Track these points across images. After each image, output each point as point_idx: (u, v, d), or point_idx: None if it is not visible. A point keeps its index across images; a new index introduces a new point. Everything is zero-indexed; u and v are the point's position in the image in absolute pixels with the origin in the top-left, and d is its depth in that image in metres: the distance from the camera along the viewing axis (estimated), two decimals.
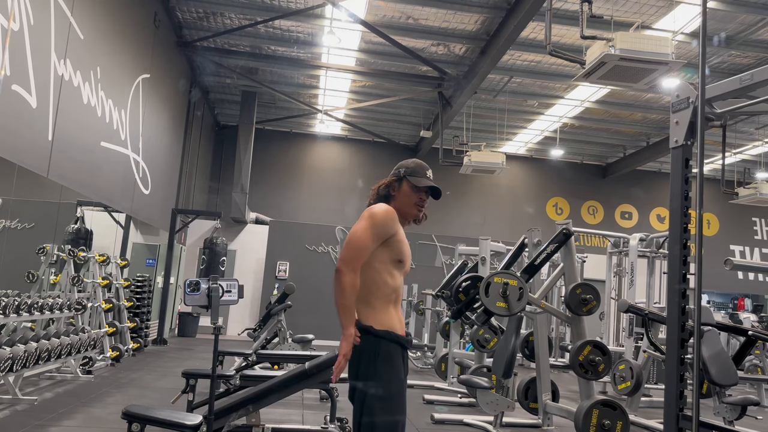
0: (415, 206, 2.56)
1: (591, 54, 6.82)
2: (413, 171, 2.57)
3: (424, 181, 2.56)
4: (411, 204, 2.55)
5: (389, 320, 2.46)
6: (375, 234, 2.43)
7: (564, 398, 6.28)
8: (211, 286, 3.41)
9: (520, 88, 12.31)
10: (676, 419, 2.81)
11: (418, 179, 2.55)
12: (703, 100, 2.83)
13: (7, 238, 9.22)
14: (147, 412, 3.15)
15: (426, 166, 2.63)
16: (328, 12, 9.84)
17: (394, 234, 2.47)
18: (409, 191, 2.54)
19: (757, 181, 13.21)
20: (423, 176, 2.57)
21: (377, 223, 2.44)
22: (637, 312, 6.19)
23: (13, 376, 5.50)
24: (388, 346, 2.43)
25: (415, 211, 2.56)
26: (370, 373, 2.39)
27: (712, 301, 19.25)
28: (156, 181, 9.92)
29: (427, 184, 2.55)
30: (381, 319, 2.45)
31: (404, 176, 2.56)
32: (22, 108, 5.27)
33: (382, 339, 2.43)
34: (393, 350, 2.44)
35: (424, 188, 2.55)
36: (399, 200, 2.55)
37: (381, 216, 2.45)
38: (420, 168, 2.59)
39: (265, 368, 6.53)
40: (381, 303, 2.46)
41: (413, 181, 2.54)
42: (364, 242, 2.41)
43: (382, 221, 2.45)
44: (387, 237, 2.45)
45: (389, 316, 2.47)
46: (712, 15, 8.96)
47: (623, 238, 8.91)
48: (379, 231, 2.44)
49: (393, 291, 2.49)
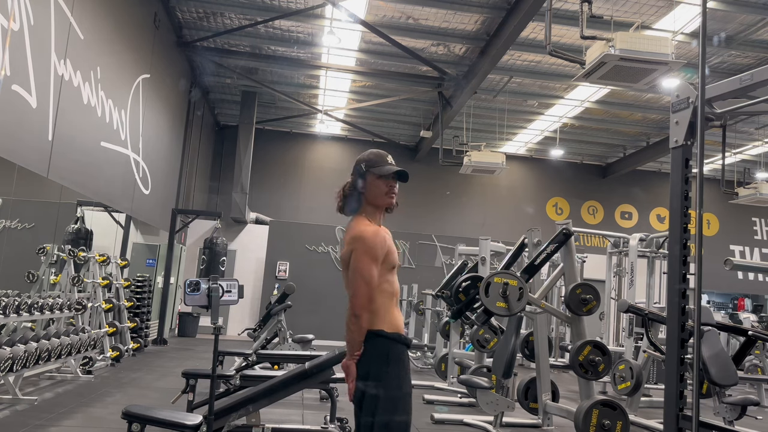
0: (387, 195, 2.53)
1: (591, 54, 6.82)
2: (374, 162, 2.55)
3: (388, 168, 2.54)
4: (381, 194, 2.53)
5: (396, 322, 2.51)
6: (377, 262, 2.46)
7: (564, 398, 6.28)
8: (211, 286, 3.41)
9: (520, 88, 12.31)
10: (676, 419, 2.81)
11: (381, 168, 2.53)
12: (703, 100, 2.83)
13: (7, 238, 9.22)
14: (147, 412, 3.16)
15: (385, 153, 2.61)
16: (328, 12, 9.84)
17: (388, 248, 2.51)
18: (376, 182, 2.52)
19: (757, 181, 13.21)
20: (385, 164, 2.55)
21: (372, 250, 2.45)
22: (637, 312, 6.19)
23: (13, 376, 5.50)
24: (397, 348, 2.47)
25: (388, 199, 2.54)
26: (383, 375, 2.41)
27: (712, 301, 19.25)
28: (156, 181, 9.91)
29: (391, 170, 2.53)
30: (390, 321, 2.49)
31: (367, 170, 2.54)
32: (22, 108, 5.27)
33: (394, 342, 2.47)
34: (401, 351, 2.49)
35: (390, 175, 2.53)
36: (369, 194, 2.53)
37: (371, 241, 2.45)
38: (378, 157, 2.57)
39: (265, 368, 6.52)
40: (385, 306, 2.49)
41: (377, 172, 2.52)
42: (370, 279, 2.43)
43: (373, 245, 2.45)
44: (383, 254, 2.48)
45: (395, 317, 2.51)
46: (712, 15, 8.96)
47: (623, 238, 8.90)
48: (378, 255, 2.46)
49: (393, 293, 2.54)
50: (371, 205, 2.54)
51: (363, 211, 2.56)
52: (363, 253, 2.44)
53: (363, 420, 2.40)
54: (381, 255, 2.47)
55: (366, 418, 2.40)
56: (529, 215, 16.31)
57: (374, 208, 2.55)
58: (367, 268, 2.43)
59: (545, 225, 10.97)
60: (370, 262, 2.44)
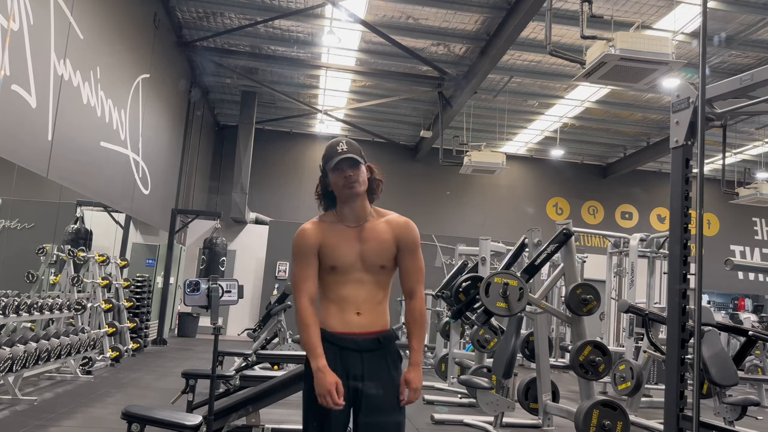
0: (344, 187, 2.39)
1: (591, 54, 6.82)
2: (325, 158, 2.44)
3: (334, 159, 2.39)
4: (340, 187, 2.40)
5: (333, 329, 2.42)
6: (302, 262, 2.40)
7: (564, 398, 6.27)
8: (211, 286, 3.40)
9: (520, 88, 12.31)
10: (676, 419, 2.80)
11: (330, 161, 2.40)
12: (704, 100, 2.83)
13: (7, 238, 9.22)
14: (147, 413, 3.15)
15: (337, 141, 2.44)
16: (328, 12, 9.83)
17: (319, 246, 2.39)
18: (333, 177, 2.41)
19: (758, 181, 13.21)
20: (334, 155, 2.40)
21: (294, 249, 2.42)
22: (637, 312, 6.18)
23: (13, 377, 5.50)
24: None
25: (347, 190, 2.39)
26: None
27: (713, 302, 19.25)
28: (156, 181, 9.91)
29: (335, 161, 2.37)
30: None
31: (323, 169, 2.46)
32: (21, 108, 5.27)
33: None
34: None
35: (341, 165, 2.38)
36: (335, 190, 2.44)
37: (295, 240, 2.43)
38: (330, 149, 2.43)
39: (265, 368, 6.52)
40: (324, 312, 2.42)
41: (328, 167, 2.41)
42: (295, 282, 2.40)
43: (295, 244, 2.42)
44: (311, 252, 2.39)
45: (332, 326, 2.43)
46: (712, 15, 8.96)
47: (623, 238, 8.90)
48: (298, 254, 2.41)
49: (337, 299, 2.43)
50: (339, 199, 2.45)
51: (338, 206, 2.47)
52: (293, 255, 2.43)
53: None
54: (299, 253, 2.39)
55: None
56: (529, 215, 16.30)
57: (342, 202, 2.44)
58: (294, 269, 2.42)
59: (545, 225, 10.95)
60: (295, 263, 2.42)
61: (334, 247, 2.38)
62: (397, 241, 2.44)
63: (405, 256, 2.46)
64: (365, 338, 2.35)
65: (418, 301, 2.47)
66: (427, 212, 15.71)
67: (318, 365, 2.26)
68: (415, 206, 15.13)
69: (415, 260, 2.48)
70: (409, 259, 2.47)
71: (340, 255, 2.37)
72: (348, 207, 2.43)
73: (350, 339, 2.34)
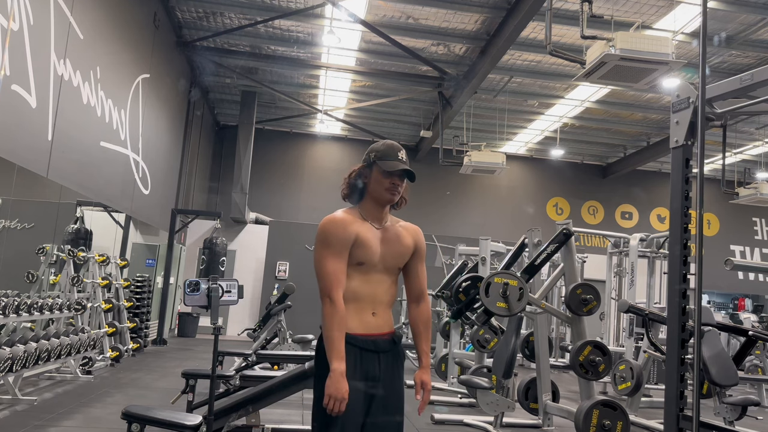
0: (387, 191, 2.38)
1: (591, 54, 6.81)
2: (383, 154, 2.39)
3: (395, 164, 2.37)
4: (382, 189, 2.38)
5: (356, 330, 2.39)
6: (331, 251, 2.30)
7: (564, 398, 6.27)
8: (211, 286, 3.41)
9: (520, 88, 12.31)
10: (676, 419, 2.80)
11: (388, 163, 2.37)
12: (704, 100, 2.83)
13: (7, 238, 9.21)
14: (147, 413, 3.15)
15: (398, 147, 2.42)
16: (328, 12, 9.83)
17: (354, 239, 2.32)
18: (380, 176, 2.38)
19: (758, 181, 13.21)
20: (394, 158, 2.39)
21: (321, 236, 2.32)
22: (637, 312, 6.19)
23: (13, 377, 5.50)
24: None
25: (388, 195, 2.38)
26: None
27: (713, 302, 19.24)
28: (156, 181, 9.91)
29: (397, 168, 2.36)
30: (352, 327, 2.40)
31: (374, 161, 2.40)
32: (21, 108, 5.26)
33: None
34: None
35: (396, 172, 2.38)
36: (371, 186, 2.40)
37: (324, 227, 2.33)
38: (390, 150, 2.40)
39: (265, 368, 6.52)
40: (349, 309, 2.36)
41: (383, 166, 2.37)
42: (321, 271, 2.31)
43: (323, 231, 2.33)
44: (347, 243, 2.31)
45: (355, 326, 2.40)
46: (712, 15, 8.95)
47: (623, 238, 8.90)
48: (330, 243, 2.31)
49: (356, 297, 2.37)
50: (371, 197, 2.41)
51: (364, 202, 2.43)
52: (317, 242, 2.33)
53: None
54: (336, 243, 2.29)
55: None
56: (529, 215, 16.31)
57: (374, 201, 2.41)
58: (318, 257, 2.31)
59: (545, 225, 10.97)
60: (320, 250, 2.32)
61: (366, 243, 2.34)
62: (414, 247, 2.49)
63: (417, 261, 2.51)
64: (383, 339, 2.38)
65: (426, 304, 2.54)
66: (427, 212, 15.71)
67: (341, 369, 2.21)
68: (415, 206, 15.05)
69: (423, 266, 2.56)
70: (420, 265, 2.53)
71: (370, 253, 2.35)
72: (377, 208, 2.43)
73: (370, 341, 2.34)
